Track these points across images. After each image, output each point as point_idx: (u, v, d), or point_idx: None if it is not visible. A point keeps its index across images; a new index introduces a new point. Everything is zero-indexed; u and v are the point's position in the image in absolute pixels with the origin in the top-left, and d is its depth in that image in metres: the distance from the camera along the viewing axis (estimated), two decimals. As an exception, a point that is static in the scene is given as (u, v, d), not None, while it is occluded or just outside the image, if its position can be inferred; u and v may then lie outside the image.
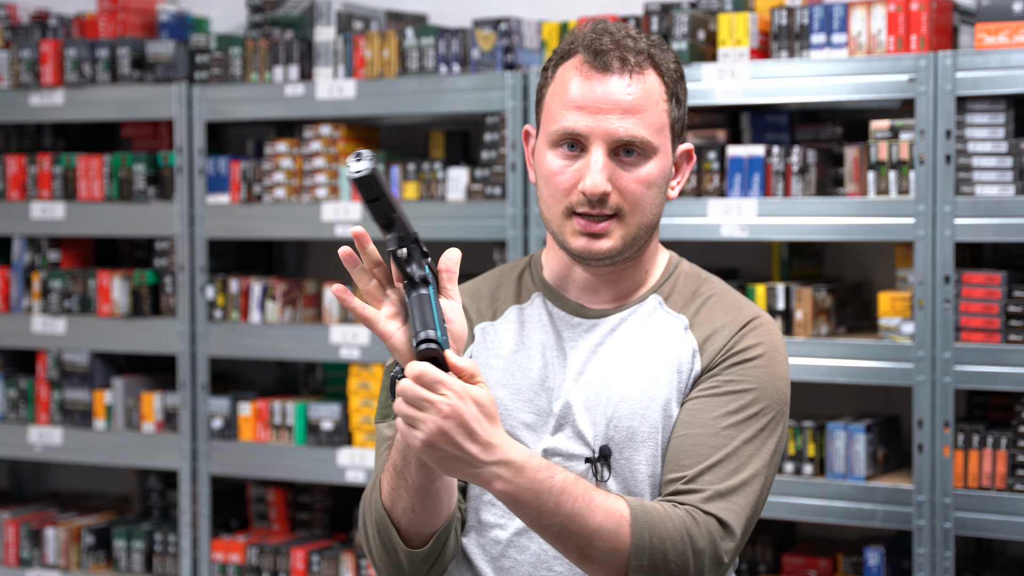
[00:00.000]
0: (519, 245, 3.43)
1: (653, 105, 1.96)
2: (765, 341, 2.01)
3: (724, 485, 1.91)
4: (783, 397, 2.01)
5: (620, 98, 1.95)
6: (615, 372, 2.01)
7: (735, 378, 1.98)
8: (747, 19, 3.25)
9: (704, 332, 2.02)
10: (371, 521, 1.97)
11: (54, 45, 3.98)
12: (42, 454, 4.04)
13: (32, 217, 4.02)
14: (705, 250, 3.41)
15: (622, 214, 1.97)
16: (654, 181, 1.98)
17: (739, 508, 1.91)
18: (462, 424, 1.72)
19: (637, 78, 1.96)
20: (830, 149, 3.33)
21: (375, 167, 1.75)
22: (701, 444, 1.94)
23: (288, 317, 3.80)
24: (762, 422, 1.97)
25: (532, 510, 1.81)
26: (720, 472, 1.92)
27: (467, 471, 1.77)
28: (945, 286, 3.03)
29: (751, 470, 1.94)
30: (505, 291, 2.12)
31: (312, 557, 3.78)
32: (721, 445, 1.93)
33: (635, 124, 1.95)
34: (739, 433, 1.95)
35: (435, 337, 1.73)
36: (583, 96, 1.96)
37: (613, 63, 1.95)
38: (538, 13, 3.82)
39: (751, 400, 1.97)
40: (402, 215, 1.79)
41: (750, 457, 1.94)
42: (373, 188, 1.75)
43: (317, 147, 3.74)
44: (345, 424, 3.71)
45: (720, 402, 1.96)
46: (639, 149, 1.96)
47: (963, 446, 3.04)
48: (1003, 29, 3.02)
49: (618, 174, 1.96)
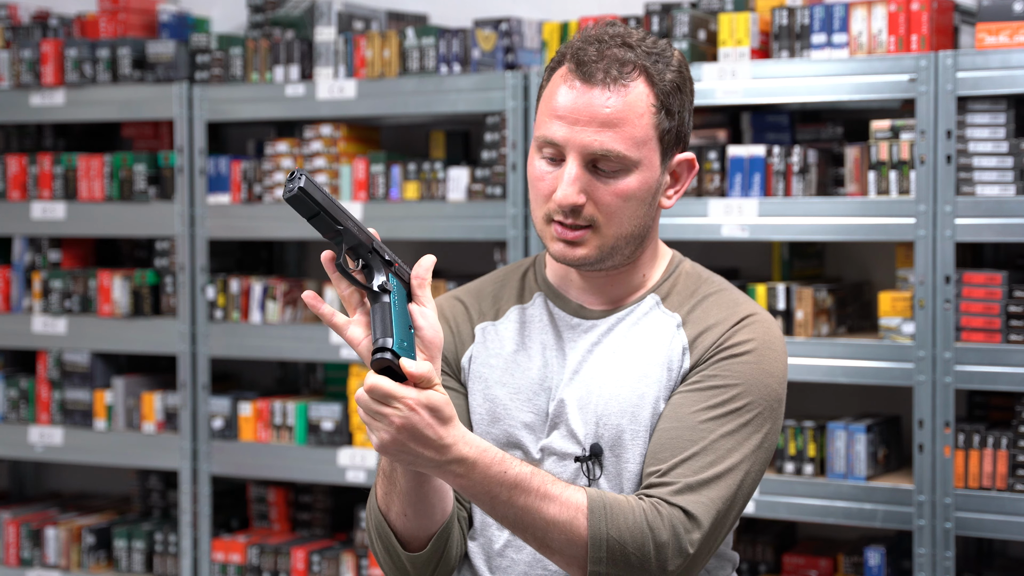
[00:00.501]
0: (519, 245, 3.43)
1: (635, 118, 1.94)
2: (758, 337, 2.00)
3: (696, 478, 1.90)
4: (772, 394, 1.98)
5: (597, 111, 1.93)
6: (607, 371, 2.01)
7: (720, 373, 1.97)
8: (748, 19, 3.25)
9: (696, 329, 2.01)
10: (372, 526, 1.99)
11: (55, 45, 3.98)
12: (43, 454, 4.04)
13: (33, 217, 4.02)
14: (705, 250, 3.41)
15: (596, 225, 1.96)
16: (632, 194, 1.96)
17: (709, 500, 1.90)
18: (414, 433, 1.77)
19: (619, 91, 1.94)
20: (831, 149, 3.33)
21: (306, 186, 1.76)
22: (677, 438, 1.93)
23: (289, 317, 3.80)
24: (746, 417, 1.95)
25: (486, 503, 1.85)
26: (693, 465, 1.91)
27: (426, 469, 1.82)
28: (946, 286, 3.03)
29: (728, 463, 1.92)
30: (508, 291, 2.12)
31: (312, 557, 3.78)
32: (698, 439, 1.92)
33: (611, 138, 1.93)
34: (718, 427, 1.93)
35: (390, 346, 1.76)
36: (563, 106, 1.95)
37: (596, 74, 1.94)
38: (538, 13, 3.82)
39: (735, 395, 1.95)
40: (352, 227, 1.80)
41: (728, 451, 1.93)
42: (307, 206, 1.77)
43: (318, 147, 3.74)
44: (346, 424, 3.71)
45: (702, 396, 1.96)
46: (615, 162, 1.95)
47: (963, 446, 3.04)
48: (1004, 29, 3.02)
49: (594, 186, 1.95)
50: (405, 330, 1.80)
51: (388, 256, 1.84)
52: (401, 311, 1.81)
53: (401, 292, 1.83)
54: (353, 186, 3.68)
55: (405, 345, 1.78)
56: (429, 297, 1.85)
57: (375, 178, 3.66)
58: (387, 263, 1.83)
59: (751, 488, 1.97)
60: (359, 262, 1.83)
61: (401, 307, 1.81)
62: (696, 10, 3.37)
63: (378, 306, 1.81)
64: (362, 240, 1.82)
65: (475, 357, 2.08)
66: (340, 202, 1.82)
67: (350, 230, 1.80)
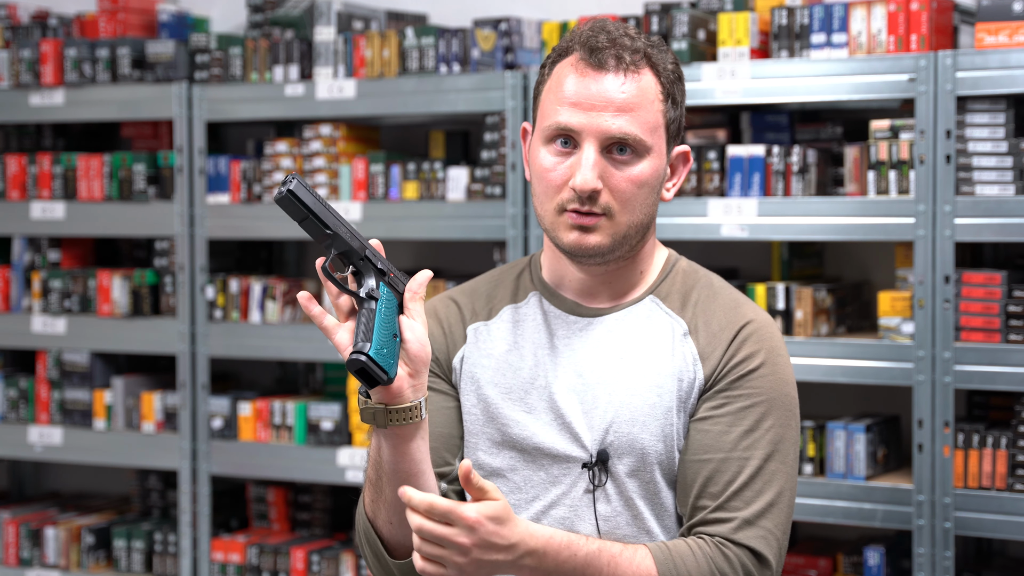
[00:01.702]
0: (519, 245, 3.43)
1: (648, 104, 1.96)
2: (764, 347, 2.00)
3: (750, 511, 1.91)
4: (791, 402, 2.00)
5: (614, 96, 1.94)
6: (615, 377, 2.00)
7: (743, 393, 1.97)
8: (747, 19, 3.25)
9: (703, 339, 2.01)
10: (360, 531, 2.00)
11: (54, 45, 3.98)
12: (42, 454, 4.04)
13: (32, 217, 4.02)
14: (705, 250, 3.41)
15: (611, 213, 1.96)
16: (646, 181, 1.97)
17: (769, 533, 1.91)
18: (484, 546, 1.79)
19: (632, 76, 1.95)
20: (830, 149, 3.33)
21: (295, 188, 1.77)
22: (720, 468, 1.93)
23: (288, 317, 3.80)
24: (780, 433, 1.96)
25: None
26: (745, 496, 1.91)
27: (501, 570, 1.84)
28: (945, 286, 3.04)
29: (776, 488, 1.93)
30: (503, 290, 2.12)
31: (312, 557, 3.78)
32: (741, 467, 1.93)
33: (628, 122, 1.94)
34: (757, 451, 1.94)
35: (367, 350, 1.76)
36: (577, 93, 1.95)
37: (608, 61, 1.95)
38: (538, 13, 3.82)
39: (763, 413, 1.96)
40: (344, 233, 1.81)
41: (773, 474, 1.94)
42: (296, 209, 1.79)
43: (317, 147, 3.74)
44: (345, 424, 3.71)
45: (732, 420, 1.96)
46: (632, 147, 1.95)
47: (963, 446, 3.04)
48: (1003, 29, 3.02)
49: (609, 172, 1.95)
50: (388, 338, 1.80)
51: (381, 265, 1.84)
52: (387, 320, 1.81)
53: (391, 302, 1.83)
54: (352, 186, 3.68)
55: (384, 352, 1.78)
56: (420, 311, 1.86)
57: (374, 178, 3.66)
58: (380, 272, 1.83)
59: (793, 504, 1.98)
60: (349, 268, 1.83)
61: (388, 316, 1.82)
62: (695, 10, 3.37)
63: (364, 312, 1.81)
64: (353, 246, 1.82)
65: (467, 358, 2.08)
66: (334, 208, 1.82)
67: (340, 235, 1.81)
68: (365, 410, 1.86)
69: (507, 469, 2.02)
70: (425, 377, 1.86)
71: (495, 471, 2.03)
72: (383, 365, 1.78)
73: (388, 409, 1.85)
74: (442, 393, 2.07)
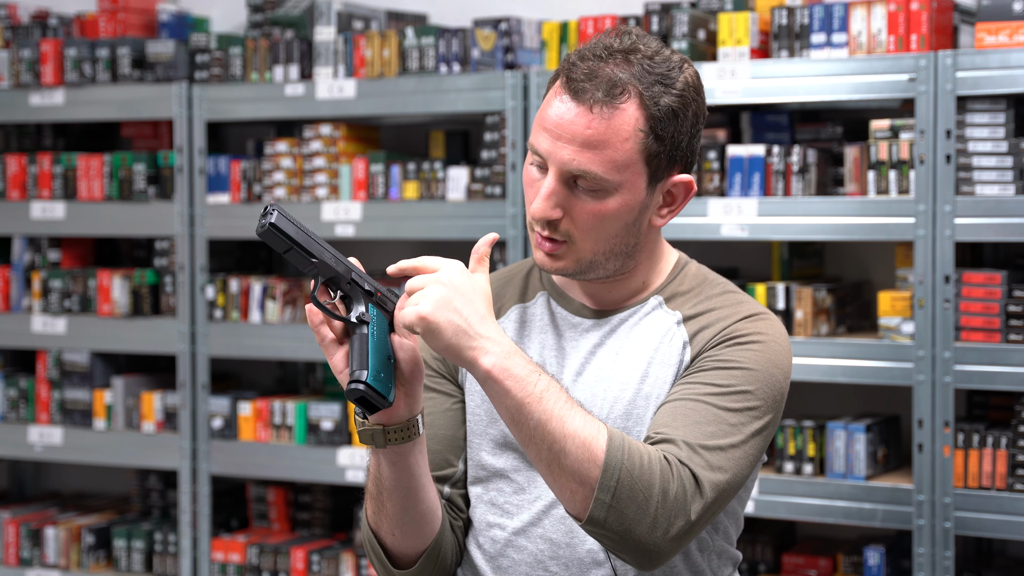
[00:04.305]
0: (519, 245, 3.43)
1: (618, 143, 1.90)
2: (766, 332, 1.97)
3: (703, 443, 1.84)
4: (777, 386, 1.94)
5: (578, 131, 1.90)
6: (610, 373, 2.00)
7: (728, 357, 1.93)
8: (747, 19, 3.25)
9: (696, 325, 1.98)
10: (365, 540, 2.00)
11: (54, 45, 3.98)
12: (42, 454, 4.04)
13: (32, 217, 4.02)
14: (705, 250, 3.41)
15: (572, 240, 1.94)
16: (608, 215, 1.93)
17: (713, 472, 1.84)
18: (457, 290, 1.77)
19: (604, 112, 1.90)
20: (830, 149, 3.33)
21: (277, 221, 1.75)
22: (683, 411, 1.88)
23: (288, 317, 3.80)
24: (751, 403, 1.90)
25: (515, 398, 1.77)
26: (698, 432, 1.85)
27: (462, 342, 1.76)
28: (945, 286, 3.04)
29: (732, 439, 1.87)
30: (511, 290, 2.12)
31: (312, 557, 3.78)
32: (704, 413, 1.87)
33: (589, 160, 1.90)
34: (724, 403, 1.88)
35: (364, 379, 1.76)
36: (549, 119, 1.92)
37: (583, 93, 1.90)
38: (538, 13, 3.82)
39: (741, 379, 1.91)
40: (329, 259, 1.80)
41: (733, 428, 1.87)
42: (279, 242, 1.77)
43: (317, 147, 3.74)
44: (345, 424, 3.71)
45: (708, 376, 1.91)
46: (591, 183, 1.91)
47: (963, 446, 3.04)
48: (1003, 29, 3.02)
49: (571, 202, 1.92)
50: (383, 361, 1.79)
51: (368, 286, 1.83)
52: (379, 342, 1.80)
53: (382, 322, 1.82)
54: (352, 186, 3.68)
55: (382, 376, 1.78)
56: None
57: (375, 178, 3.66)
58: (367, 293, 1.82)
59: (748, 472, 1.91)
60: (337, 294, 1.82)
61: (380, 338, 1.81)
62: (696, 10, 3.37)
63: (356, 337, 1.80)
64: (339, 272, 1.81)
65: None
66: (316, 233, 1.81)
67: (326, 262, 1.79)
68: (363, 432, 1.85)
69: (510, 470, 2.02)
70: (420, 391, 1.86)
71: (498, 471, 2.03)
72: (381, 391, 1.77)
73: (386, 429, 1.84)
74: (445, 394, 2.07)
